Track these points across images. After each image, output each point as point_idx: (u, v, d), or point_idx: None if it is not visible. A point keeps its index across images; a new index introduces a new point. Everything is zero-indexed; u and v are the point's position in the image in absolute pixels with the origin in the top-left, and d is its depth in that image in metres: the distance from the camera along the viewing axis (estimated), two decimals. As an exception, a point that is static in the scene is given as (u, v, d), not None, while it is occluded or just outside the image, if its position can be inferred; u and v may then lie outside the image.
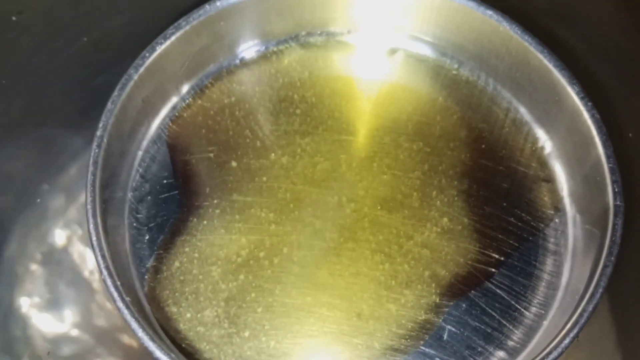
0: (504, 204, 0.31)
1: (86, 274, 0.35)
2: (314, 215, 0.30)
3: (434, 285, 0.29)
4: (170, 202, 0.30)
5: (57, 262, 0.36)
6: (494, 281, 0.29)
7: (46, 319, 0.35)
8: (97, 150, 0.27)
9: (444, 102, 0.33)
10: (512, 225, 0.30)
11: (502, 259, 0.29)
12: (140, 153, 0.31)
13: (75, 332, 0.34)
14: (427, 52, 0.34)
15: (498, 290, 0.29)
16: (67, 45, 0.33)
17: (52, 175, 0.37)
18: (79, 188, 0.37)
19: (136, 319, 0.25)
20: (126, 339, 0.34)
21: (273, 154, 0.31)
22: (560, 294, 0.29)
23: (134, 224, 0.30)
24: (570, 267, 0.29)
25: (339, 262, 0.29)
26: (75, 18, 0.33)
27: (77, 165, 0.37)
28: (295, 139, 0.32)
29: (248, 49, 0.34)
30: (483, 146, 0.32)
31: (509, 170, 0.31)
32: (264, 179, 0.31)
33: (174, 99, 0.32)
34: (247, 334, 0.28)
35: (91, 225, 0.26)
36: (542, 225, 0.30)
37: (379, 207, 0.30)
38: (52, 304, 0.35)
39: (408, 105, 0.33)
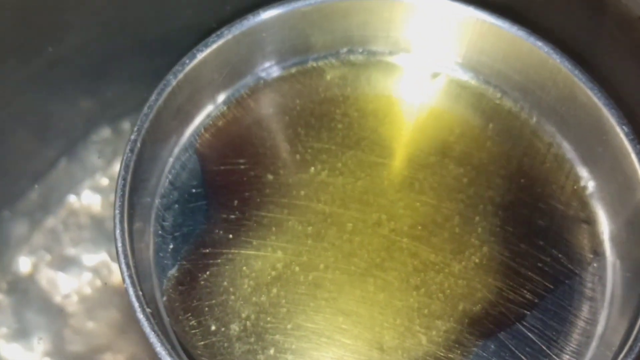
0: (541, 243, 0.29)
1: (58, 299, 0.34)
2: (352, 232, 0.29)
3: (466, 320, 0.28)
4: (197, 212, 0.29)
5: (24, 291, 0.35)
6: (525, 323, 0.28)
7: (15, 349, 0.34)
8: (129, 155, 0.27)
9: (488, 130, 0.32)
10: (547, 265, 0.29)
11: (535, 300, 0.28)
12: (171, 160, 0.30)
13: (47, 361, 0.33)
14: (470, 78, 0.33)
15: (529, 334, 0.28)
16: (18, 68, 0.32)
17: (12, 201, 0.35)
18: (42, 213, 0.36)
19: (155, 332, 0.24)
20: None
21: (312, 168, 0.30)
22: (594, 343, 0.28)
23: (159, 232, 0.29)
24: (607, 316, 0.28)
25: (374, 283, 0.28)
26: (27, 39, 0.31)
27: (38, 190, 0.36)
28: (336, 154, 0.31)
29: (287, 61, 0.33)
30: (522, 180, 0.31)
31: (548, 208, 0.30)
32: (302, 193, 0.30)
33: (209, 108, 0.32)
34: (272, 351, 0.27)
35: (118, 231, 0.26)
36: (580, 269, 0.29)
37: (419, 228, 0.29)
38: (21, 334, 0.34)
39: (455, 128, 0.32)
